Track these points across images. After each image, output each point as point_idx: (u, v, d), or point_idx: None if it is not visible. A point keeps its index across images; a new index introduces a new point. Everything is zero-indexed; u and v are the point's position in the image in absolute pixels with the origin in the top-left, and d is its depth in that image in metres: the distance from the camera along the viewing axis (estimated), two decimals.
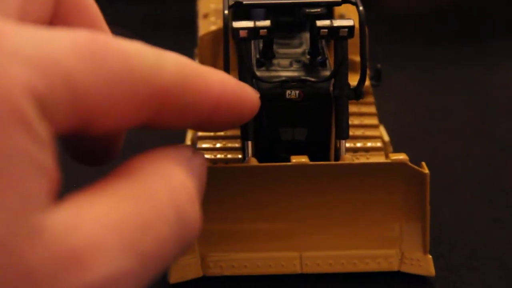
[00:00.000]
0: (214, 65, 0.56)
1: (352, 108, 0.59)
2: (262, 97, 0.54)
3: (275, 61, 0.57)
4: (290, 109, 0.55)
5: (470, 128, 0.70)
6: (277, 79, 0.55)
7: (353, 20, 0.52)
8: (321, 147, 0.56)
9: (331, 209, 0.53)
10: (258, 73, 0.55)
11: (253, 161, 0.53)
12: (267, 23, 0.54)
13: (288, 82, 0.55)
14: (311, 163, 0.52)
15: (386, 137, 0.61)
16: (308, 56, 0.57)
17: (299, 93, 0.54)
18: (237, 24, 0.54)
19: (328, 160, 0.55)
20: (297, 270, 0.53)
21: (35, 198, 0.34)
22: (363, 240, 0.53)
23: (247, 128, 0.55)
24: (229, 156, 0.57)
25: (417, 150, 0.65)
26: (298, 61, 0.57)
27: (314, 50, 0.57)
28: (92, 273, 0.34)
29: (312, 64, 0.56)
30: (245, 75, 0.55)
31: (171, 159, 0.41)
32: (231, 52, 0.53)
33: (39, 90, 0.35)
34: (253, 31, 0.53)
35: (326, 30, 0.52)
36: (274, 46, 0.57)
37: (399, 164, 0.51)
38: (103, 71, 0.37)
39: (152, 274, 0.37)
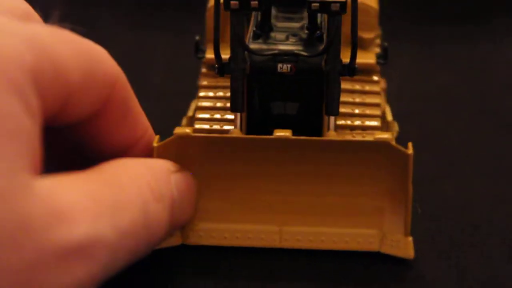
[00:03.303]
0: (222, 35, 0.55)
1: (356, 86, 0.59)
2: (253, 70, 0.55)
3: (272, 34, 0.57)
4: (281, 83, 0.55)
5: (473, 106, 0.70)
6: (269, 52, 0.55)
7: None
8: (312, 122, 0.55)
9: (313, 185, 0.53)
10: (252, 46, 0.55)
11: (236, 132, 0.54)
12: None
13: (281, 56, 0.54)
14: (293, 137, 0.52)
15: (390, 117, 0.61)
16: (306, 31, 0.57)
17: (290, 67, 0.54)
18: None
19: (320, 135, 0.55)
20: (276, 244, 0.53)
21: (25, 159, 0.38)
22: (344, 218, 0.53)
23: (236, 99, 0.55)
24: (225, 127, 0.57)
25: (420, 128, 0.66)
26: (294, 35, 0.57)
27: (312, 24, 0.57)
28: (76, 230, 0.39)
29: (309, 39, 0.56)
30: (236, 47, 0.55)
31: (156, 167, 0.48)
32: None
33: (32, 65, 0.39)
34: (244, 2, 0.53)
35: (317, 4, 0.52)
36: (274, 20, 0.57)
37: (382, 143, 0.50)
38: (79, 51, 0.43)
39: (125, 252, 0.42)
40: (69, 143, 0.49)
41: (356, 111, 0.58)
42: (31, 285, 0.38)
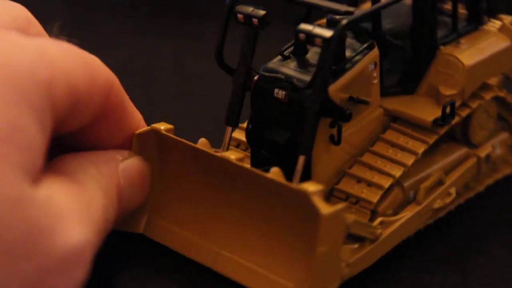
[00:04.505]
0: None
1: (400, 139, 0.57)
2: (254, 89, 0.55)
3: (300, 58, 0.55)
4: (276, 109, 0.54)
5: None
6: (267, 74, 0.54)
7: (333, 32, 0.50)
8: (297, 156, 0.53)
9: (249, 216, 0.53)
10: (269, 64, 0.55)
11: (202, 142, 0.54)
12: (261, 13, 0.54)
13: (279, 81, 0.53)
14: (235, 162, 0.51)
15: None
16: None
17: (285, 94, 0.53)
18: (240, 7, 0.54)
19: (307, 171, 0.53)
20: (212, 265, 0.53)
21: (32, 171, 0.40)
22: (266, 260, 0.52)
23: (229, 113, 0.56)
24: None
25: None
26: (314, 64, 0.54)
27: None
28: (75, 234, 0.41)
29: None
30: (240, 62, 0.55)
31: (100, 161, 0.49)
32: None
33: (45, 78, 0.41)
34: (247, 18, 0.54)
35: (303, 35, 0.51)
36: None
37: (301, 193, 0.48)
38: (82, 61, 0.45)
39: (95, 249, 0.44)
40: (69, 147, 0.50)
41: (377, 163, 0.56)
42: None
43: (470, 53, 0.60)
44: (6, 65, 0.39)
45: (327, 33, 0.51)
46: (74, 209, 0.42)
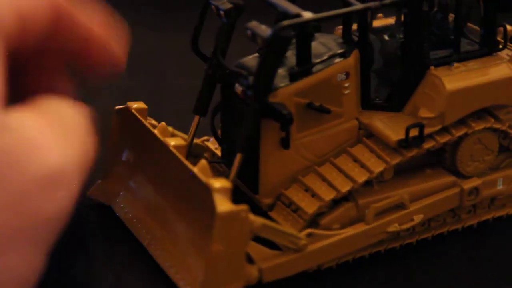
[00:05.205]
0: None
1: (365, 153, 0.56)
2: (221, 82, 0.55)
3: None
4: (236, 104, 0.54)
5: None
6: (233, 69, 0.54)
7: (271, 31, 0.50)
8: (249, 155, 0.53)
9: (175, 203, 0.54)
10: (243, 59, 0.55)
11: (161, 126, 0.55)
12: (228, 5, 0.54)
13: (244, 77, 0.53)
14: (170, 148, 0.52)
15: None
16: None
17: (242, 90, 0.53)
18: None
19: (256, 173, 0.54)
20: (147, 246, 0.55)
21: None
22: (185, 249, 0.53)
23: (197, 102, 0.56)
24: None
25: None
26: (287, 63, 0.54)
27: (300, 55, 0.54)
28: (50, 159, 0.40)
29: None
30: (212, 52, 0.56)
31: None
32: None
33: None
34: (216, 9, 0.54)
35: (249, 32, 0.51)
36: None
37: (207, 188, 0.48)
38: None
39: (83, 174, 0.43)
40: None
41: (331, 175, 0.55)
42: (19, 218, 0.39)
43: (460, 77, 0.56)
44: None
45: (266, 32, 0.50)
46: (48, 134, 0.42)
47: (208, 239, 0.49)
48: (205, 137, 0.62)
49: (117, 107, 0.58)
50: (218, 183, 0.49)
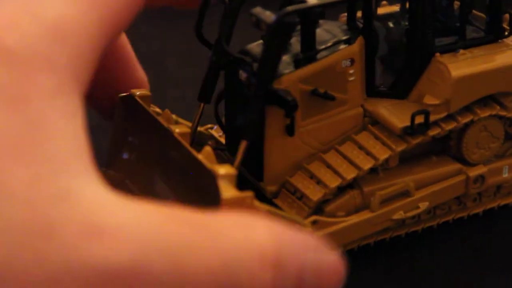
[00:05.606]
0: None
1: (370, 140, 0.55)
2: (225, 69, 0.55)
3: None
4: (241, 90, 0.54)
5: None
6: (237, 55, 0.54)
7: (275, 17, 0.49)
8: (254, 143, 0.52)
9: (176, 189, 0.52)
10: (248, 46, 0.55)
11: (166, 113, 0.54)
12: None
13: (248, 63, 0.52)
14: (175, 135, 0.50)
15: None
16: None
17: (246, 77, 0.53)
18: None
19: (260, 160, 0.54)
20: None
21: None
22: None
23: (202, 89, 0.56)
24: None
25: None
26: (291, 50, 0.54)
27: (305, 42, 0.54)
28: (119, 253, 0.32)
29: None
30: (216, 39, 0.55)
31: None
32: None
33: None
34: None
35: (254, 18, 0.51)
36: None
37: (212, 174, 0.45)
38: None
39: None
40: None
41: (336, 162, 0.55)
42: None
43: (465, 64, 0.56)
44: None
45: (271, 18, 0.50)
46: (134, 233, 0.33)
47: None
48: (209, 125, 0.62)
49: (120, 94, 0.58)
50: (223, 170, 0.48)
